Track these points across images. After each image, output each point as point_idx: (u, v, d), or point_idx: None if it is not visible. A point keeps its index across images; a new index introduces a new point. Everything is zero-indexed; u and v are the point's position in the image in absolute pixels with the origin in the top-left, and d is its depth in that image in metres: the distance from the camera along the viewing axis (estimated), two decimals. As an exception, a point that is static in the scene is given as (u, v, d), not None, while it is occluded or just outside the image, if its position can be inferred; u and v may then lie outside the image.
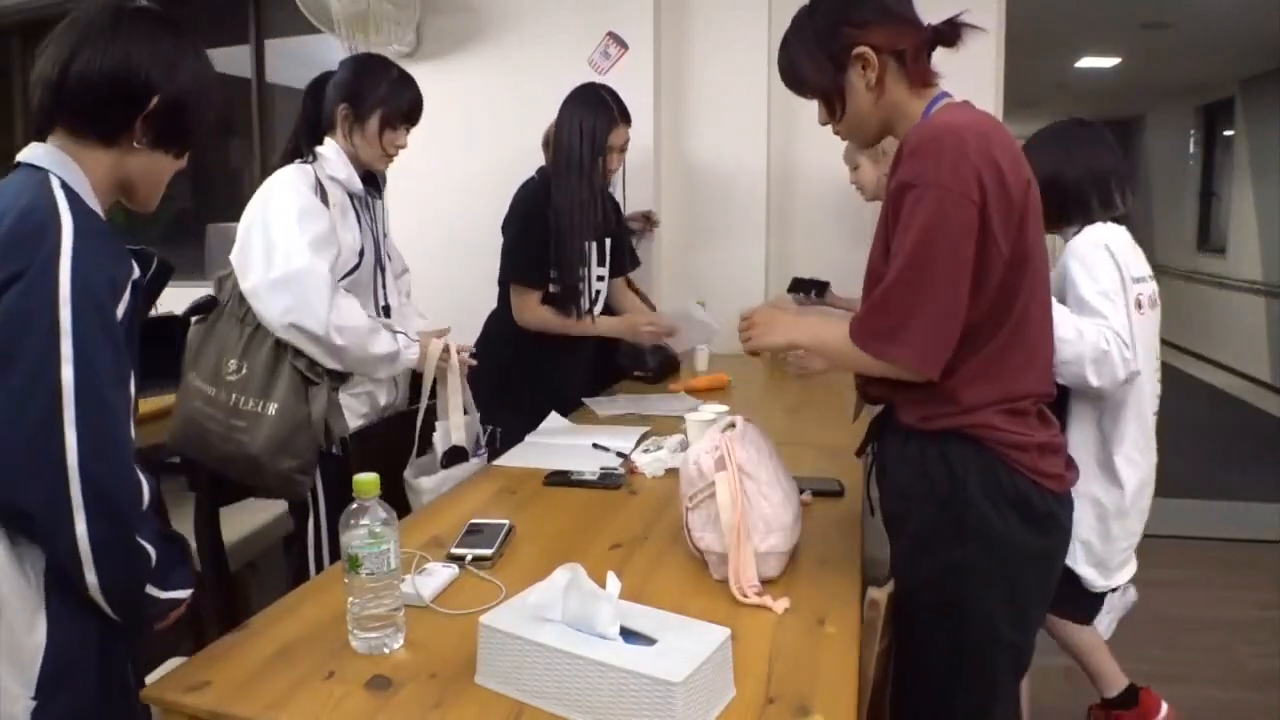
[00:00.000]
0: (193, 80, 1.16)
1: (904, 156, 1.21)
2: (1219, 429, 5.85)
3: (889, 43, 1.26)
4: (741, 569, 1.28)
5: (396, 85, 1.94)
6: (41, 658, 1.06)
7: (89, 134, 1.11)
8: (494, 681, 1.05)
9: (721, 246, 3.35)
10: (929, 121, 1.24)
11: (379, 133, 1.93)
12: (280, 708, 1.01)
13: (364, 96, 1.92)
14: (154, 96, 1.11)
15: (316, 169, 1.89)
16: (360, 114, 1.92)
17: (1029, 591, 1.29)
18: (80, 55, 1.08)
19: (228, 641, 1.17)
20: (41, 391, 0.99)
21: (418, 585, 1.28)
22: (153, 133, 1.14)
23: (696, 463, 1.36)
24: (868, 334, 1.25)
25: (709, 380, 2.68)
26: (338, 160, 1.92)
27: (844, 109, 1.32)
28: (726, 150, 3.31)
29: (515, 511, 1.66)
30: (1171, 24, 5.57)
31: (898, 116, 1.31)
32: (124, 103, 1.11)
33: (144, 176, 1.17)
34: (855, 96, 1.30)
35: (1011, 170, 1.20)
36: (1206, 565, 3.42)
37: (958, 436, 1.25)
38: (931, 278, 1.19)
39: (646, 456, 1.90)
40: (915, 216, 1.18)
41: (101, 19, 1.11)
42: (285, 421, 1.81)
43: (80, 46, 1.09)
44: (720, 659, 1.01)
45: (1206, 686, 2.58)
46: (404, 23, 3.24)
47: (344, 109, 1.92)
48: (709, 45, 3.28)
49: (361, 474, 1.12)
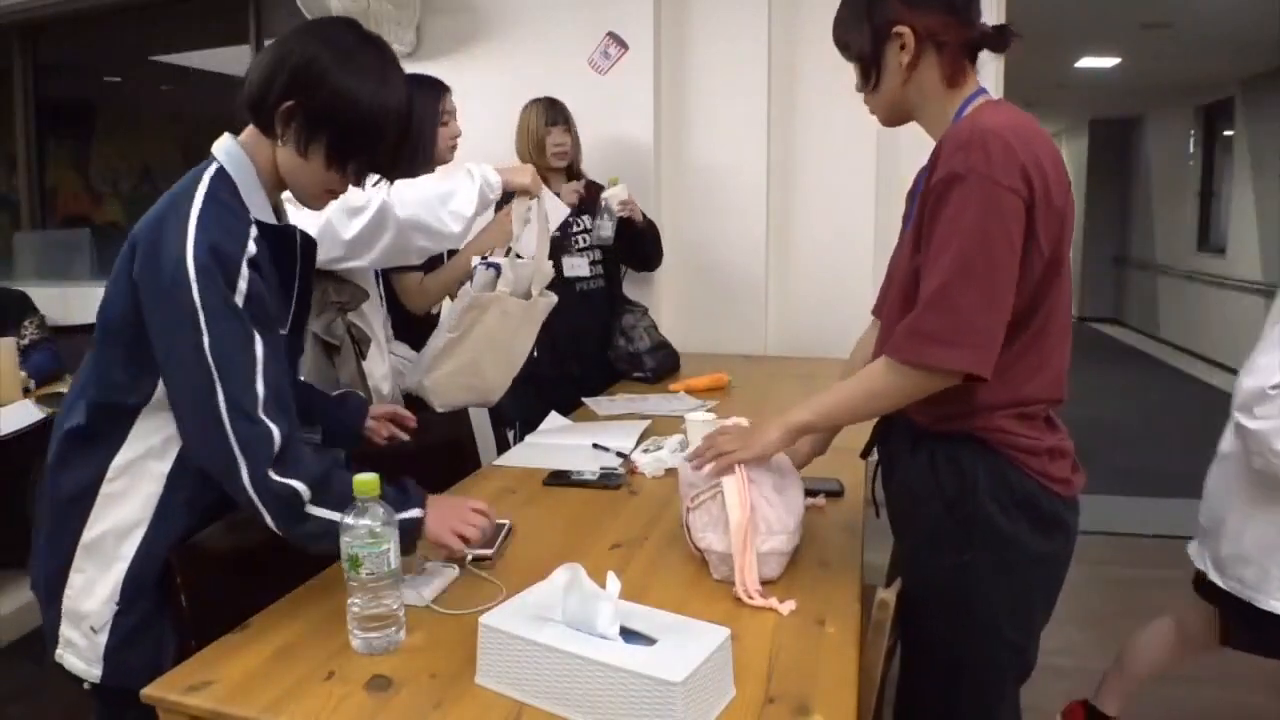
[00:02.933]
0: (342, 96, 1.21)
1: (949, 150, 1.17)
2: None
3: (931, 30, 1.25)
4: (747, 571, 1.28)
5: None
6: (129, 565, 1.25)
7: (253, 122, 1.27)
8: (494, 681, 1.05)
9: (721, 246, 3.35)
10: (976, 117, 1.21)
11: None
12: (280, 708, 1.01)
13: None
14: (289, 99, 1.21)
15: None
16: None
17: (1034, 594, 1.29)
18: (261, 55, 1.24)
19: (228, 641, 1.17)
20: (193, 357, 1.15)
21: (418, 586, 1.28)
22: (292, 132, 1.23)
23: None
24: (925, 339, 1.16)
25: (709, 380, 2.68)
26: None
27: (878, 81, 1.31)
28: (726, 150, 3.30)
29: (515, 511, 1.66)
30: (1171, 24, 5.57)
31: (924, 106, 1.30)
32: (268, 96, 1.22)
33: (292, 175, 1.28)
34: (888, 73, 1.30)
35: (1054, 171, 1.18)
36: (1207, 565, 3.41)
37: (968, 439, 1.25)
38: (987, 272, 1.13)
39: (646, 456, 1.90)
40: (967, 209, 1.13)
41: (308, 28, 1.27)
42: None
43: (266, 50, 1.25)
44: (720, 659, 1.01)
45: (1207, 686, 2.57)
46: (404, 23, 3.24)
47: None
48: (709, 45, 3.28)
49: (361, 474, 1.12)
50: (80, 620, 1.27)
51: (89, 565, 1.26)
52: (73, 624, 1.27)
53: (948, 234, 1.15)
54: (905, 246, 1.28)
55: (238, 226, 1.21)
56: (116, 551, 1.26)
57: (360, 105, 1.21)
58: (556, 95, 2.82)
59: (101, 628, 1.26)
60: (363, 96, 1.21)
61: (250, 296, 1.18)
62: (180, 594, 1.25)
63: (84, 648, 1.27)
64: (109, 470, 1.25)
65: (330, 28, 1.27)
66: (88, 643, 1.27)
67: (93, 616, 1.26)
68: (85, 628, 1.26)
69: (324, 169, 1.25)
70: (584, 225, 2.83)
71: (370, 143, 1.25)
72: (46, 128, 4.88)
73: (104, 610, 1.26)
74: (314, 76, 1.20)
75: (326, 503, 1.20)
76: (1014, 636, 1.28)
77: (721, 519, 1.32)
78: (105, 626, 1.26)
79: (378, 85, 1.22)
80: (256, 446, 1.16)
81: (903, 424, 1.33)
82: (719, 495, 1.33)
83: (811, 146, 3.27)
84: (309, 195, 1.30)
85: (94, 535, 1.26)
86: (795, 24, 3.23)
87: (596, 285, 2.87)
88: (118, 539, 1.26)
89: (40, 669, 1.38)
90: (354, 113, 1.21)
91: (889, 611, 1.18)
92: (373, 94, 1.22)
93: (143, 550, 1.26)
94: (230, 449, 1.16)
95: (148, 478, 1.26)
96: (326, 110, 1.21)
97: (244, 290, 1.18)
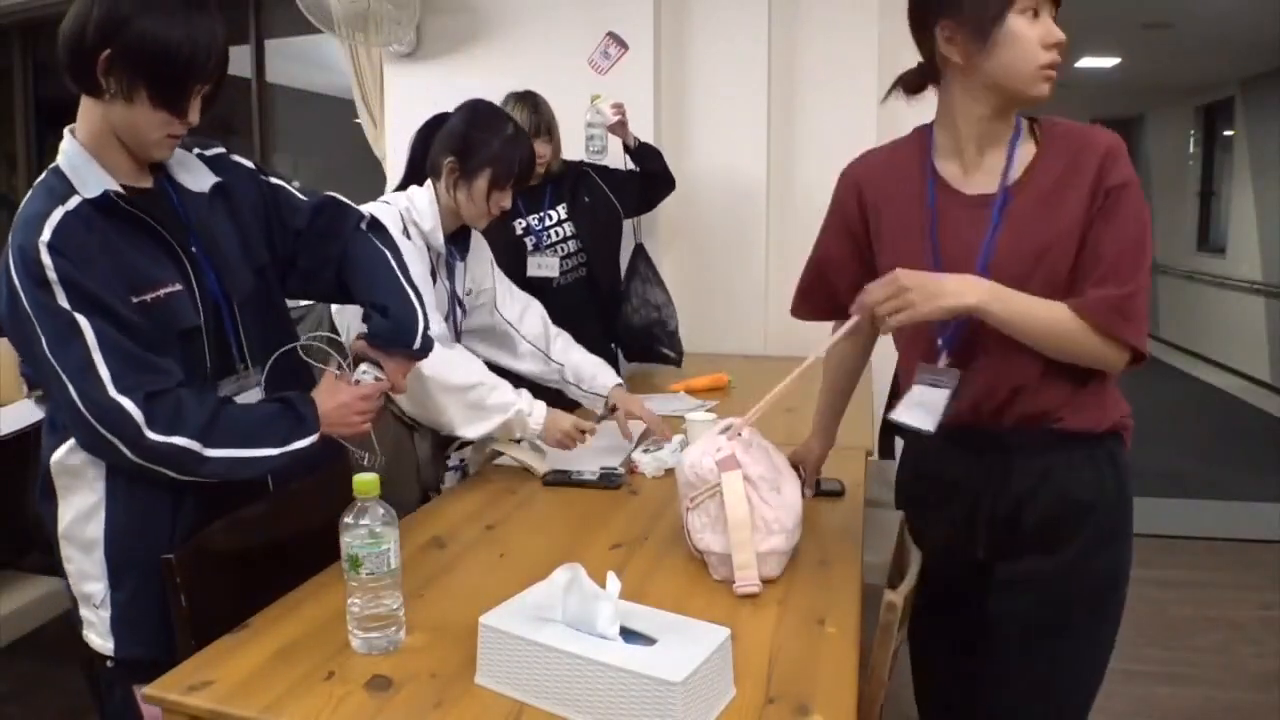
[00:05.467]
0: (149, 35, 1.21)
1: (1107, 160, 1.23)
2: (1219, 429, 5.85)
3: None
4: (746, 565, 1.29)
5: (509, 143, 1.86)
6: (103, 546, 1.31)
7: (79, 88, 1.25)
8: (494, 681, 1.05)
9: (721, 246, 3.35)
10: (1099, 127, 1.29)
11: (486, 193, 1.85)
12: (280, 708, 1.01)
13: (473, 152, 1.84)
14: (105, 49, 1.20)
15: (404, 211, 1.83)
16: (468, 170, 1.84)
17: None
18: (63, 23, 1.23)
19: (228, 641, 1.17)
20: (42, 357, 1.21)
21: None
22: (113, 81, 1.22)
23: (695, 465, 1.36)
24: (1127, 317, 1.21)
25: (709, 380, 2.68)
26: (428, 210, 1.85)
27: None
28: (727, 150, 3.30)
29: (515, 511, 1.67)
30: (1171, 24, 5.57)
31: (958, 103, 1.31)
32: (83, 54, 1.21)
33: (126, 129, 1.27)
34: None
35: None
36: (1206, 565, 3.42)
37: (1114, 435, 1.31)
38: (1149, 264, 1.25)
39: (646, 456, 1.90)
40: (1142, 212, 1.24)
41: None
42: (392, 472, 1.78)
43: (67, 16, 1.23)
44: (720, 659, 1.01)
45: (1207, 686, 2.57)
46: (404, 23, 3.24)
47: (451, 162, 1.85)
48: (709, 45, 3.28)
49: (361, 474, 1.12)
50: (87, 600, 1.34)
51: (73, 551, 1.33)
52: (84, 604, 1.35)
53: (1140, 233, 1.23)
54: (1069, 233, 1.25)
55: (36, 216, 1.22)
56: (86, 534, 1.32)
57: (169, 39, 1.21)
58: (556, 95, 2.79)
59: (102, 603, 1.33)
60: (170, 31, 1.21)
61: (64, 280, 1.19)
62: (180, 594, 1.25)
63: (96, 624, 1.34)
64: (55, 461, 1.30)
65: None
66: (98, 619, 1.33)
67: (94, 595, 1.33)
68: (91, 606, 1.34)
69: (152, 110, 1.25)
70: (557, 218, 2.73)
71: (189, 75, 1.25)
72: (46, 128, 4.88)
73: (100, 588, 1.33)
74: (118, 21, 1.20)
75: (223, 442, 1.25)
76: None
77: (720, 519, 1.32)
78: (105, 602, 1.33)
79: (181, 19, 1.23)
80: (121, 424, 1.19)
81: (1050, 432, 1.29)
82: (718, 495, 1.33)
83: (811, 146, 3.27)
84: (150, 143, 1.29)
85: (65, 524, 1.33)
86: (795, 24, 3.23)
87: (574, 278, 2.77)
88: (83, 522, 1.32)
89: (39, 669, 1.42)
90: (164, 48, 1.21)
91: (897, 613, 1.18)
92: (176, 27, 1.22)
93: (109, 529, 1.31)
94: (99, 434, 1.20)
95: (89, 462, 1.30)
96: (137, 49, 1.21)
97: (54, 278, 1.19)
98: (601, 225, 2.82)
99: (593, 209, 2.79)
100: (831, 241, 1.50)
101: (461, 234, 1.99)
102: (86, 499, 1.31)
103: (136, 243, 1.29)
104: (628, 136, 2.83)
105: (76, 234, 1.22)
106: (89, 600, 1.33)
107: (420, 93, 2.00)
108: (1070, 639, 1.32)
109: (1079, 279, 1.23)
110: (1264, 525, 3.73)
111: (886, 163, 1.42)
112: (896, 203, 1.37)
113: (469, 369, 1.82)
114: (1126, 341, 1.22)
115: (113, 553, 1.31)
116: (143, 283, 1.27)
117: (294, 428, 1.32)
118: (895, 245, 1.36)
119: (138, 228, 1.29)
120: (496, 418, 1.80)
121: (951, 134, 1.32)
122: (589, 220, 2.77)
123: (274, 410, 1.33)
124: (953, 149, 1.33)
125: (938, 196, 1.32)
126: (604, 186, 2.83)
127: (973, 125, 1.29)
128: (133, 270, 1.26)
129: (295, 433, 1.31)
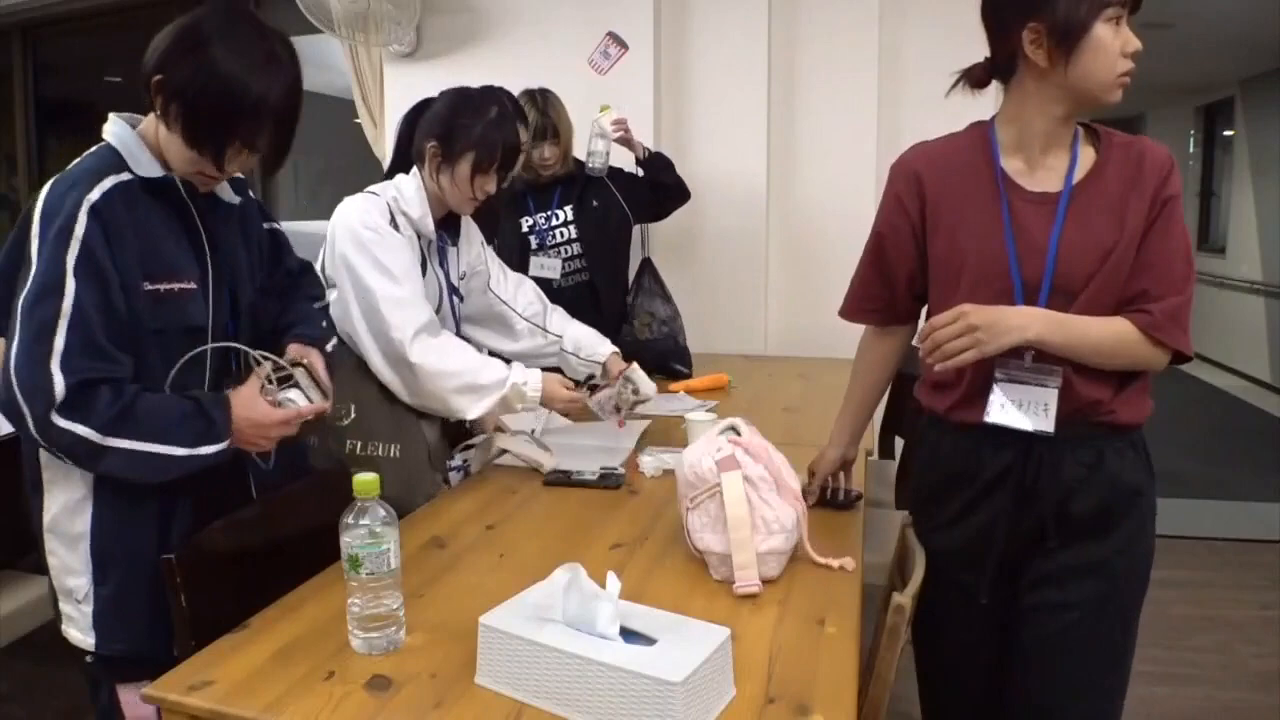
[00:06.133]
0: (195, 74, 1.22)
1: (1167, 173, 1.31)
2: (1219, 429, 5.85)
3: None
4: (746, 565, 1.29)
5: (492, 127, 1.83)
6: (89, 541, 1.31)
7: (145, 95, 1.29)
8: (494, 681, 1.05)
9: (721, 246, 3.35)
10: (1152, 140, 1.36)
11: (469, 177, 1.82)
12: (280, 708, 1.01)
13: (456, 136, 1.81)
14: (154, 76, 1.23)
15: (391, 201, 1.82)
16: (451, 154, 1.82)
17: None
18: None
19: (228, 641, 1.17)
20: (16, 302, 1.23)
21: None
22: (159, 103, 1.25)
23: (695, 465, 1.36)
24: (1181, 328, 1.29)
25: (709, 380, 2.68)
26: (415, 198, 1.84)
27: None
28: (726, 150, 3.30)
29: (515, 511, 1.67)
30: (1171, 24, 5.56)
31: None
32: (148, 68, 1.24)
33: (166, 150, 1.30)
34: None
35: None
36: (1206, 565, 3.42)
37: (1140, 427, 1.36)
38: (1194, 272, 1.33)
39: (647, 456, 1.90)
40: (1182, 219, 1.33)
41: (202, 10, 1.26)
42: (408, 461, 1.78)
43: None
44: (720, 659, 1.01)
45: (1207, 686, 2.57)
46: (404, 23, 3.24)
47: (434, 146, 1.83)
48: (709, 45, 3.28)
49: (361, 474, 1.12)
50: (69, 595, 1.34)
51: (57, 544, 1.33)
52: (65, 598, 1.35)
53: (1188, 244, 1.32)
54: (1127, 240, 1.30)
55: (89, 175, 1.24)
56: (73, 528, 1.32)
57: (214, 84, 1.20)
58: (557, 95, 2.77)
59: (85, 598, 1.33)
60: (222, 75, 1.20)
61: (85, 243, 1.20)
62: (180, 594, 1.25)
63: (78, 619, 1.34)
64: (44, 452, 1.29)
65: (219, 13, 1.26)
66: (79, 614, 1.33)
67: (76, 590, 1.33)
68: (73, 600, 1.34)
69: (185, 147, 1.25)
70: (563, 218, 2.73)
71: (225, 125, 1.24)
72: (46, 128, 4.88)
73: (83, 583, 1.33)
74: (184, 50, 1.21)
75: (126, 433, 1.22)
76: None
77: (720, 519, 1.32)
78: (88, 597, 1.33)
79: (246, 67, 1.21)
80: (38, 397, 1.18)
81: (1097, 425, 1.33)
82: (717, 495, 1.33)
83: (811, 146, 3.27)
84: (181, 173, 1.31)
85: (51, 517, 1.33)
86: (795, 24, 3.23)
87: (575, 281, 2.77)
88: (70, 517, 1.32)
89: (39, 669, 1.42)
90: (209, 90, 1.21)
91: (905, 615, 1.17)
92: (236, 75, 1.21)
93: (96, 523, 1.31)
94: (15, 398, 1.19)
95: None
96: (185, 83, 1.21)
97: (79, 235, 1.20)
98: (610, 229, 2.81)
99: (602, 212, 2.77)
100: (891, 236, 1.47)
101: (451, 219, 1.98)
102: (73, 493, 1.31)
103: (171, 231, 1.31)
104: (637, 149, 2.80)
105: (119, 208, 1.24)
106: (71, 595, 1.33)
107: (420, 93, 1.98)
108: (1122, 627, 1.36)
109: (1128, 282, 1.30)
110: (1264, 525, 3.73)
111: (945, 155, 1.42)
112: (960, 196, 1.38)
113: (458, 353, 1.82)
114: (1180, 350, 1.29)
115: (98, 547, 1.31)
116: (163, 272, 1.29)
117: (204, 432, 1.28)
118: (967, 239, 1.36)
119: (178, 217, 1.32)
120: (494, 393, 1.80)
121: (1018, 131, 1.35)
122: (595, 223, 2.76)
123: (189, 409, 1.28)
124: (1016, 146, 1.36)
125: (1007, 192, 1.34)
126: (615, 191, 2.80)
127: (1044, 124, 1.33)
128: (157, 257, 1.29)
129: (204, 438, 1.28)
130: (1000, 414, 1.32)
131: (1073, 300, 1.29)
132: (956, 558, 1.39)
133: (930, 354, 1.27)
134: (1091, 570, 1.34)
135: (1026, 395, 1.31)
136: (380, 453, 1.78)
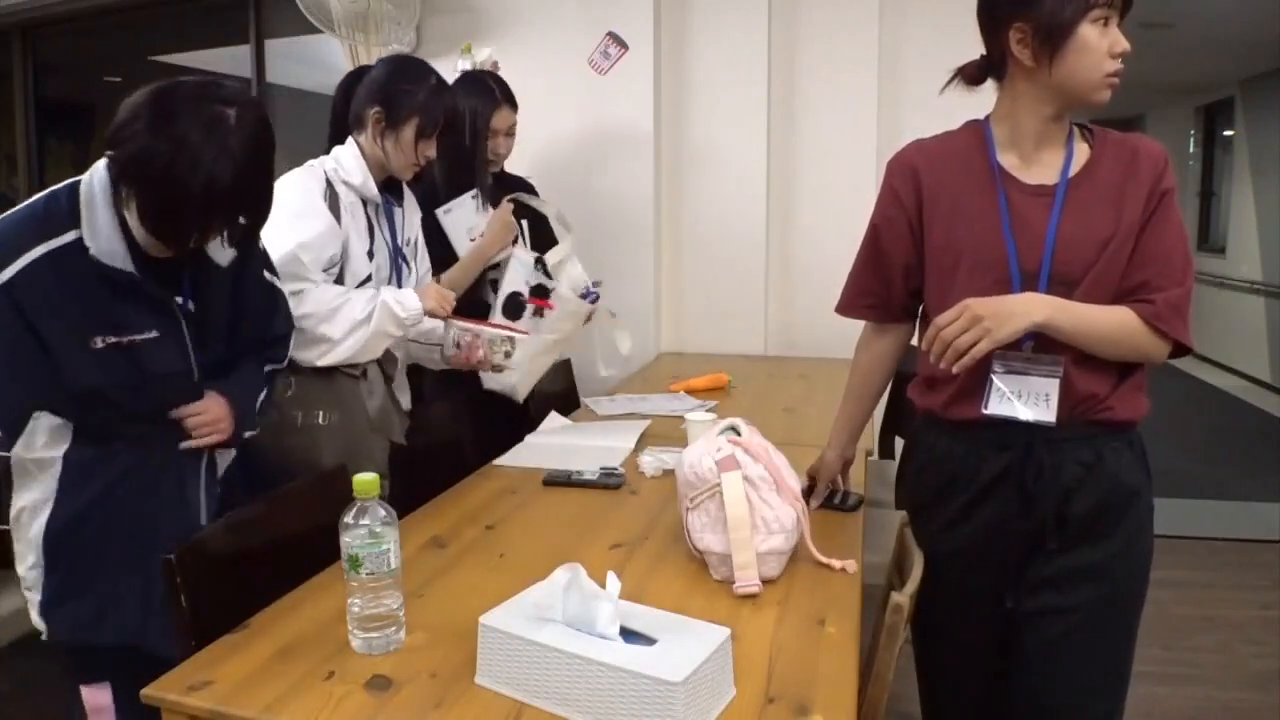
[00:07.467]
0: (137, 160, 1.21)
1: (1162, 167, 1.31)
2: (1219, 429, 5.85)
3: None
4: (746, 565, 1.28)
5: (434, 93, 1.86)
6: (44, 533, 1.40)
7: None
8: (494, 681, 1.05)
9: (721, 246, 3.35)
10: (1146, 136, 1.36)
11: (414, 141, 1.85)
12: (280, 708, 1.01)
13: (400, 102, 1.83)
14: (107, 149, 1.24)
15: (330, 172, 1.83)
16: (395, 119, 1.84)
17: None
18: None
19: (228, 641, 1.17)
20: None
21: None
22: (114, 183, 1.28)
23: (695, 465, 1.36)
24: (1184, 320, 1.29)
25: (709, 380, 2.68)
26: (354, 164, 1.85)
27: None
28: (726, 150, 3.30)
29: (515, 511, 1.67)
30: (1171, 24, 5.56)
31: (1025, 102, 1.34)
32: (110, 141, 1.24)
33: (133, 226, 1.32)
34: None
35: None
36: (1206, 565, 3.42)
37: (1136, 426, 1.36)
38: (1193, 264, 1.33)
39: (647, 456, 1.90)
40: (1178, 213, 1.33)
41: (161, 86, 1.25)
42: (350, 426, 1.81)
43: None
44: (720, 659, 1.01)
45: (1207, 686, 2.57)
46: (404, 23, 3.24)
47: (376, 112, 1.84)
48: (709, 45, 3.28)
49: (361, 474, 1.12)
50: (24, 583, 1.45)
51: (17, 535, 1.43)
52: (26, 586, 1.45)
53: (1184, 236, 1.32)
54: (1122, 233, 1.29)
55: (16, 240, 1.27)
56: (32, 523, 1.41)
57: (153, 171, 1.18)
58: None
59: (34, 586, 1.43)
60: (165, 159, 1.17)
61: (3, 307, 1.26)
62: (180, 594, 1.25)
63: (34, 605, 1.45)
64: (15, 454, 1.39)
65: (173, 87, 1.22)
66: (33, 601, 1.44)
67: (29, 578, 1.44)
68: (25, 588, 1.44)
69: (139, 223, 1.26)
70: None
71: (178, 215, 1.23)
72: (46, 128, 4.88)
73: (35, 573, 1.43)
74: (126, 135, 1.20)
75: None
76: None
77: (720, 519, 1.32)
78: (38, 585, 1.43)
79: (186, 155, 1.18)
80: None
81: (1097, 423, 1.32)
82: (717, 495, 1.33)
83: (811, 146, 3.27)
84: (143, 243, 1.34)
85: (15, 511, 1.42)
86: (795, 23, 3.23)
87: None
88: (31, 514, 1.42)
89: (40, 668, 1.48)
90: (149, 177, 1.19)
91: (904, 615, 1.17)
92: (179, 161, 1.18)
93: (54, 520, 1.40)
94: None
95: (46, 464, 1.39)
96: (128, 167, 1.21)
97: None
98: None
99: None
100: (886, 228, 1.47)
101: (393, 184, 1.98)
102: (38, 494, 1.40)
103: (121, 292, 1.33)
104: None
105: (48, 278, 1.26)
106: (24, 582, 1.44)
107: (420, 93, 1.99)
108: (1123, 628, 1.37)
109: (1127, 274, 1.30)
110: (1264, 525, 3.73)
111: (941, 150, 1.43)
112: (957, 187, 1.38)
113: (322, 295, 1.77)
114: (1181, 341, 1.30)
115: (51, 539, 1.41)
116: (117, 326, 1.34)
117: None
118: (964, 229, 1.36)
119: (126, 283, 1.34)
120: (372, 321, 1.79)
121: (1012, 128, 1.36)
122: None
123: None
124: (1011, 143, 1.37)
125: (1004, 184, 1.35)
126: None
127: (1035, 123, 1.34)
128: (105, 314, 1.32)
129: None
130: (1000, 405, 1.30)
131: (1071, 290, 1.29)
132: (957, 560, 1.38)
133: (942, 356, 1.25)
134: (1091, 573, 1.34)
135: (1026, 386, 1.29)
136: (321, 420, 1.81)
